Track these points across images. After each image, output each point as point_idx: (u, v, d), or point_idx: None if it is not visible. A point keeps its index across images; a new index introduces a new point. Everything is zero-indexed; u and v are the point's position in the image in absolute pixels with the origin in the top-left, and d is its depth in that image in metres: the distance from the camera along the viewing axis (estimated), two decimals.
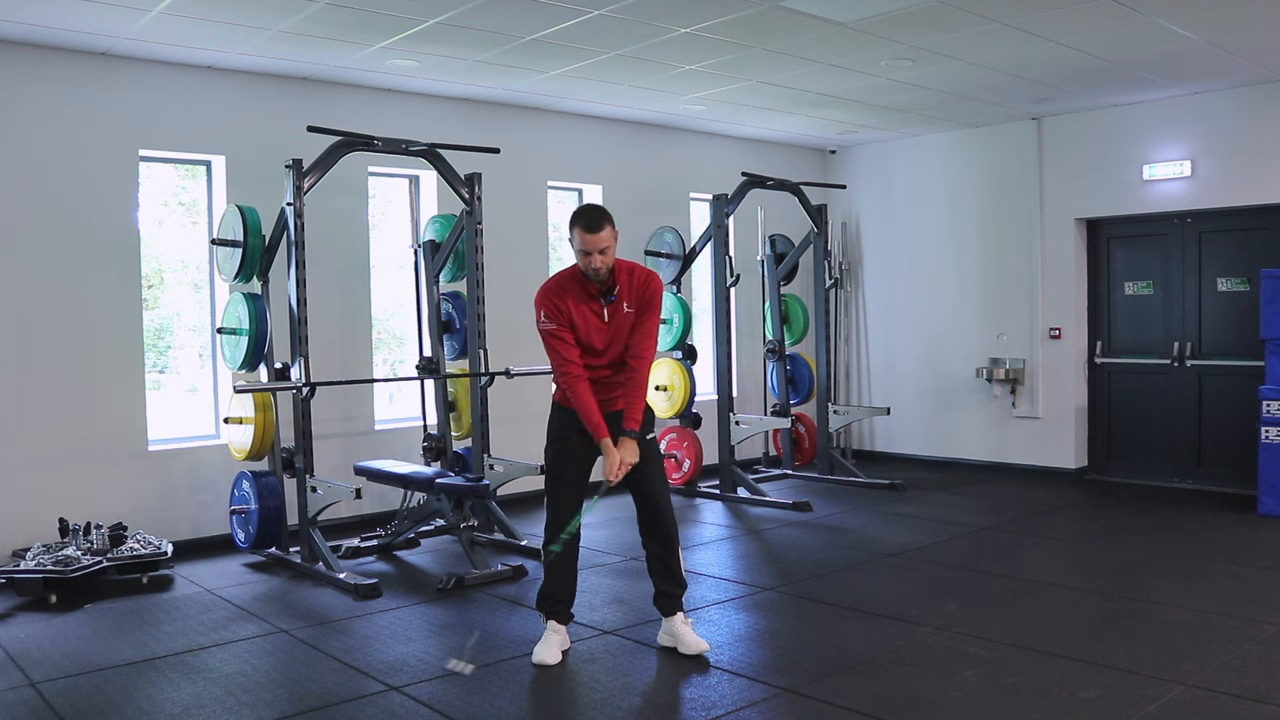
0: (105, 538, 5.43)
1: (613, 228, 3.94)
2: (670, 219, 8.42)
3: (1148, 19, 5.60)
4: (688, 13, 5.44)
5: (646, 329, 4.06)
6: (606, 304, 4.02)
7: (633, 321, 4.04)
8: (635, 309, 4.04)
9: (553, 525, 4.13)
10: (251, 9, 5.23)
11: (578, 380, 3.97)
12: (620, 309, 4.03)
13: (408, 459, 6.74)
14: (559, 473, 4.14)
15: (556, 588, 4.18)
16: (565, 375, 3.98)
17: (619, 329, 4.04)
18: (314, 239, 5.93)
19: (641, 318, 4.05)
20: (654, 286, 4.08)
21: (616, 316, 4.03)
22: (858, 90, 7.25)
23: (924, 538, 6.27)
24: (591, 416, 3.96)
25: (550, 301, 4.00)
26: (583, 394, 3.97)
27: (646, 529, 4.17)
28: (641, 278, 4.07)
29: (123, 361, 6.04)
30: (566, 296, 4.00)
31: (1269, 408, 6.71)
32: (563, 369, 3.99)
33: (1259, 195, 7.30)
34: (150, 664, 4.19)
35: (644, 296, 4.05)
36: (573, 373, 3.97)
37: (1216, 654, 4.02)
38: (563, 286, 4.03)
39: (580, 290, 4.01)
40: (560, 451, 4.14)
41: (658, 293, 4.09)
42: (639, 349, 4.05)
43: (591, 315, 4.01)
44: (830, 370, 8.61)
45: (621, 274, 4.03)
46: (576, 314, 3.99)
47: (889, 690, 3.73)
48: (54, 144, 5.78)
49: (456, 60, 6.29)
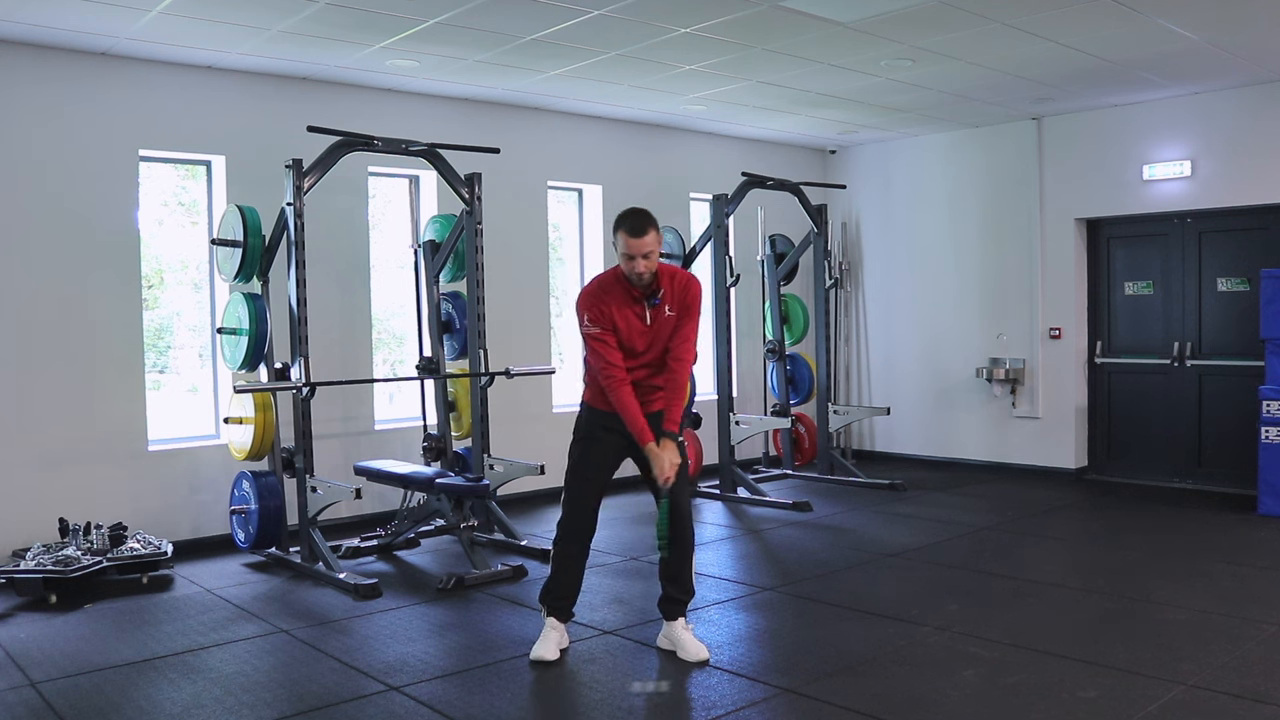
0: (105, 538, 5.43)
1: (657, 232, 3.94)
2: (670, 219, 8.41)
3: (1148, 19, 5.60)
4: (688, 13, 5.44)
5: (686, 332, 4.07)
6: (649, 307, 4.01)
7: (674, 324, 4.05)
8: (676, 312, 4.05)
9: (568, 523, 4.12)
10: (251, 9, 5.23)
11: (621, 384, 3.96)
12: (662, 312, 4.03)
13: (408, 459, 6.74)
14: (585, 472, 4.13)
15: (561, 584, 4.18)
16: (609, 379, 3.96)
17: (660, 332, 4.04)
18: (314, 239, 5.93)
19: (682, 320, 4.06)
20: (695, 290, 4.09)
21: (659, 320, 4.03)
22: (858, 90, 7.25)
23: (924, 538, 6.27)
24: (637, 421, 3.95)
25: (594, 305, 3.99)
26: (627, 398, 3.95)
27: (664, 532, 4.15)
28: (683, 281, 4.08)
29: (123, 361, 6.04)
30: (610, 300, 3.99)
31: (1269, 408, 6.71)
32: (606, 372, 3.97)
33: (1259, 195, 7.30)
34: (150, 664, 4.19)
35: (685, 300, 4.05)
36: (616, 376, 3.96)
37: (1216, 654, 4.02)
38: (606, 289, 4.01)
39: (624, 294, 4.00)
40: (587, 450, 4.14)
41: (698, 296, 4.11)
42: (679, 351, 4.06)
43: (634, 318, 4.01)
44: (830, 370, 8.61)
45: (664, 278, 4.03)
46: (619, 317, 3.98)
47: (889, 690, 3.73)
48: (54, 144, 5.78)
49: (456, 60, 6.29)
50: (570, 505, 4.15)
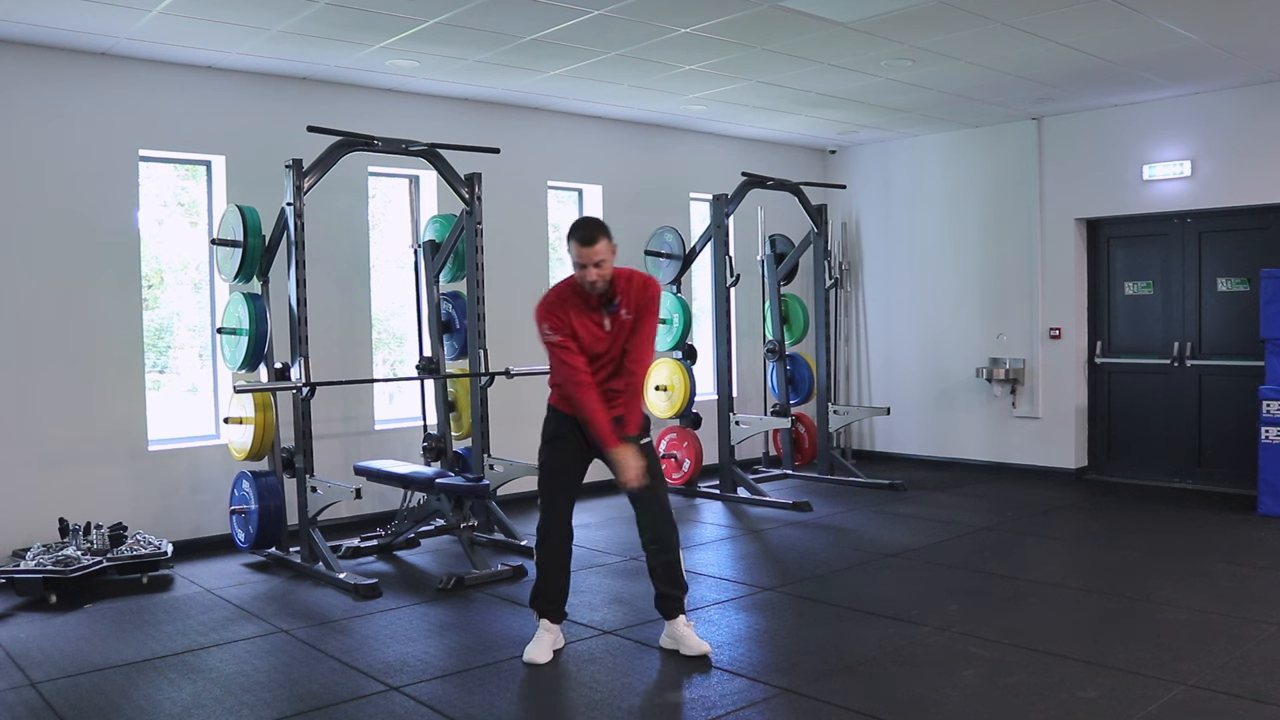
0: (105, 538, 5.43)
1: (609, 240, 3.95)
2: (670, 219, 8.42)
3: (1148, 19, 5.60)
4: (688, 13, 5.44)
5: (644, 332, 4.07)
6: (608, 314, 4.03)
7: (631, 326, 4.05)
8: (634, 315, 4.05)
9: (545, 525, 4.14)
10: (251, 9, 5.23)
11: (587, 389, 3.96)
12: (620, 316, 4.04)
13: (408, 459, 6.74)
14: (555, 474, 4.15)
15: (548, 586, 4.19)
16: (574, 385, 3.97)
17: (621, 337, 4.05)
18: (314, 239, 5.93)
19: (640, 321, 4.06)
20: (652, 291, 4.10)
21: (617, 324, 4.04)
22: (858, 90, 7.25)
23: (924, 538, 6.27)
24: (602, 427, 3.95)
25: (552, 314, 4.00)
26: (591, 403, 3.95)
27: (646, 533, 4.17)
28: (640, 283, 4.08)
29: (123, 361, 6.04)
30: (568, 308, 4.00)
31: (1269, 408, 6.71)
32: (572, 378, 3.97)
33: (1259, 195, 7.30)
34: (150, 664, 4.19)
35: (642, 301, 4.06)
36: (582, 381, 3.96)
37: (1216, 654, 4.02)
38: (563, 298, 4.03)
39: (581, 302, 4.02)
40: (556, 452, 4.15)
41: (656, 297, 4.11)
42: (636, 353, 4.06)
43: (593, 325, 4.02)
44: (830, 370, 8.61)
45: (621, 281, 4.04)
46: (579, 325, 3.99)
47: (889, 690, 3.73)
48: (54, 144, 5.78)
49: (456, 60, 6.29)
50: (545, 508, 4.17)
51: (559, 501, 4.15)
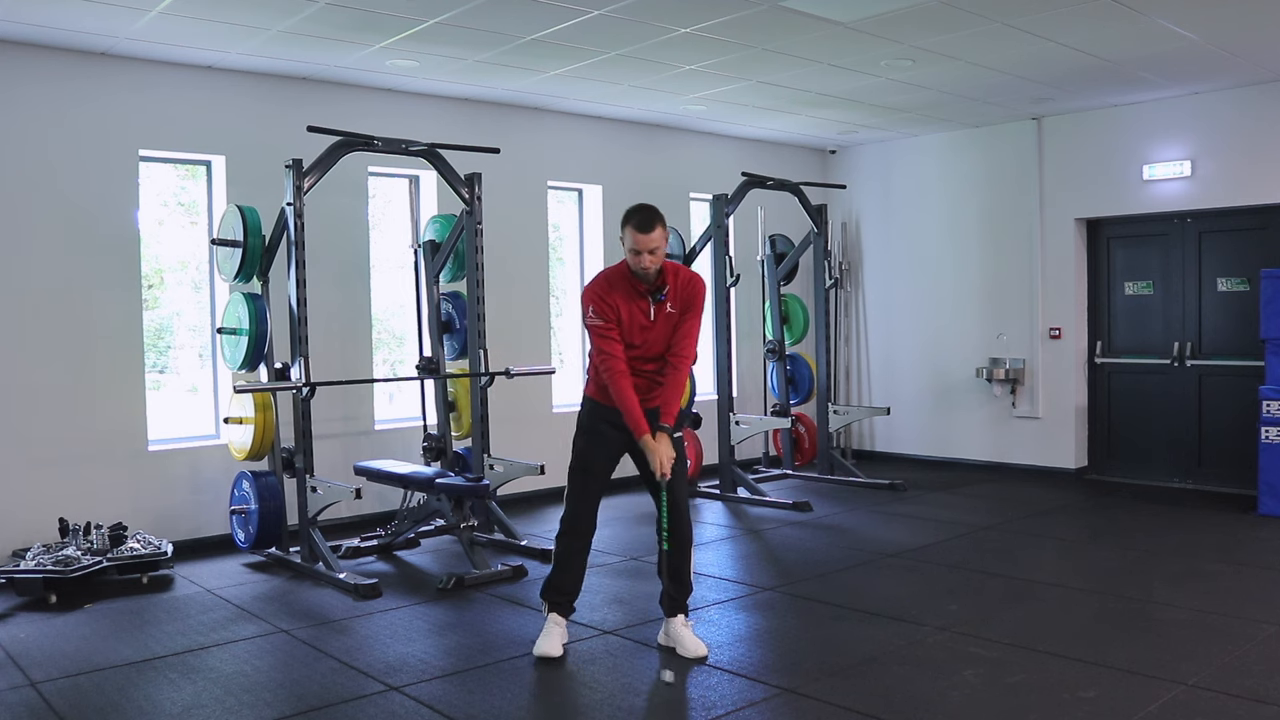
0: (105, 538, 5.43)
1: (664, 228, 3.98)
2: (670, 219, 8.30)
3: (1148, 19, 5.60)
4: (688, 13, 5.44)
5: (688, 329, 4.10)
6: (654, 303, 4.04)
7: (676, 321, 4.08)
8: (679, 309, 4.07)
9: (572, 517, 4.14)
10: (251, 9, 5.23)
11: (622, 376, 3.98)
12: (665, 309, 4.06)
13: (408, 459, 6.74)
14: (587, 465, 4.15)
15: (564, 579, 4.20)
16: (609, 370, 3.98)
17: (662, 328, 4.07)
18: (314, 239, 5.92)
19: (685, 318, 4.09)
20: (699, 288, 4.12)
21: (661, 316, 4.06)
22: (858, 90, 7.25)
23: (924, 538, 6.27)
24: (633, 412, 3.96)
25: (599, 297, 4.01)
26: (625, 389, 3.97)
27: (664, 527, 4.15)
28: (686, 278, 4.11)
29: (123, 361, 6.04)
30: (615, 293, 4.02)
31: (1269, 408, 6.71)
32: (607, 364, 3.99)
33: (1259, 195, 7.30)
34: (150, 664, 4.19)
35: (688, 297, 4.08)
36: (617, 368, 3.98)
37: (1216, 654, 4.02)
38: (612, 283, 4.04)
39: (629, 288, 4.03)
40: (590, 444, 4.15)
41: (702, 294, 4.14)
42: (680, 348, 4.09)
43: (639, 313, 4.04)
44: (830, 370, 8.61)
45: (669, 274, 4.06)
46: (625, 311, 4.01)
47: (889, 690, 3.73)
48: (54, 144, 5.78)
49: (456, 60, 6.29)
50: (573, 499, 4.17)
51: (588, 492, 4.15)
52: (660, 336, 4.07)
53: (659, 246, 3.95)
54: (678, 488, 4.08)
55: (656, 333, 4.06)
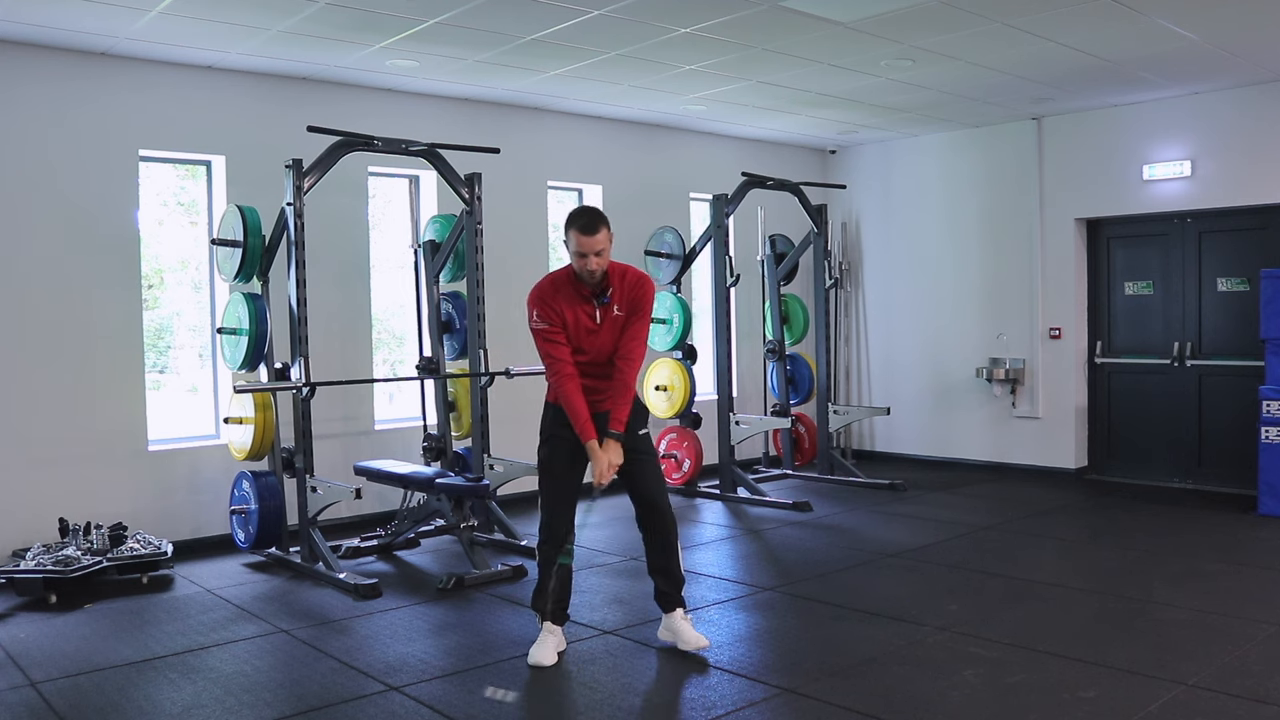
0: (105, 538, 5.43)
1: (608, 230, 3.96)
2: (670, 219, 8.42)
3: (1148, 19, 5.60)
4: (688, 13, 5.44)
5: (635, 331, 4.07)
6: (599, 306, 4.03)
7: (623, 324, 4.05)
8: (626, 311, 4.05)
9: (547, 524, 4.13)
10: (251, 9, 5.23)
11: (568, 379, 3.98)
12: (611, 311, 4.04)
13: (408, 459, 6.74)
14: (551, 470, 4.15)
15: (551, 586, 4.18)
16: (556, 375, 3.99)
17: (609, 331, 4.05)
18: (314, 239, 5.93)
19: (631, 320, 4.06)
20: (645, 290, 4.09)
21: (607, 318, 4.04)
22: (858, 90, 7.25)
23: (924, 538, 6.27)
24: (579, 417, 3.96)
25: (543, 301, 4.01)
26: (572, 394, 3.97)
27: (644, 526, 4.17)
28: (633, 280, 4.08)
29: (123, 361, 6.04)
30: (559, 297, 4.01)
31: (1269, 408, 6.71)
32: (554, 368, 4.00)
33: (1259, 195, 7.30)
34: (150, 664, 4.19)
35: (635, 299, 4.06)
36: (564, 372, 3.98)
37: (1216, 654, 4.02)
38: (556, 287, 4.04)
39: (573, 291, 4.03)
40: (553, 450, 4.14)
41: (649, 296, 4.11)
42: (627, 350, 4.06)
43: (584, 317, 4.03)
44: (830, 370, 8.61)
45: (614, 276, 4.04)
46: (569, 315, 4.01)
47: (889, 690, 3.73)
48: (54, 144, 5.78)
49: (456, 60, 6.29)
50: (545, 507, 4.16)
51: (559, 500, 4.14)
52: (607, 340, 4.05)
53: (604, 249, 3.94)
54: (653, 486, 4.09)
55: (603, 336, 4.04)
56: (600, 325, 4.04)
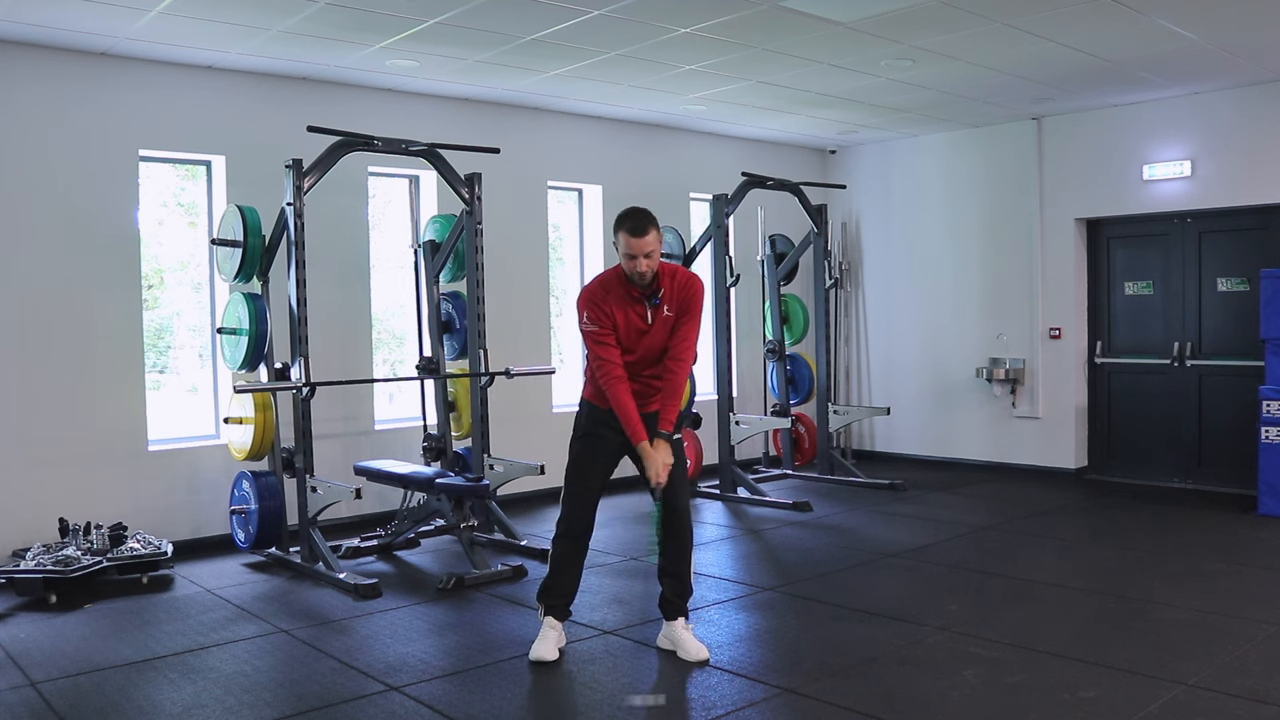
0: (105, 538, 5.43)
1: (658, 231, 3.94)
2: (670, 219, 8.41)
3: (1148, 19, 5.60)
4: (688, 13, 5.44)
5: (686, 332, 4.05)
6: (650, 307, 4.00)
7: (673, 324, 4.03)
8: (676, 312, 4.03)
9: (566, 518, 4.12)
10: (251, 9, 5.23)
11: (619, 381, 3.95)
12: (662, 312, 4.01)
13: (408, 459, 6.74)
14: (584, 470, 4.13)
15: (560, 582, 4.18)
16: (607, 376, 3.95)
17: (659, 332, 4.03)
18: (314, 239, 5.92)
19: (681, 320, 4.04)
20: (696, 289, 4.06)
21: (658, 319, 4.01)
22: (858, 90, 7.25)
23: (924, 538, 6.27)
24: (631, 419, 3.94)
25: (594, 304, 3.98)
26: (623, 395, 3.94)
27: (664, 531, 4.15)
28: (683, 280, 4.06)
29: (123, 361, 6.04)
30: (610, 299, 3.98)
31: (1269, 408, 6.71)
32: (604, 370, 3.96)
33: (1259, 195, 7.30)
34: (150, 664, 4.19)
35: (685, 299, 4.03)
36: (614, 374, 3.95)
37: (1216, 654, 4.02)
38: (607, 288, 4.01)
39: (624, 293, 3.99)
40: (587, 448, 4.13)
41: (699, 296, 4.08)
42: (678, 351, 4.04)
43: (635, 318, 4.00)
44: (830, 370, 8.61)
45: (665, 277, 4.01)
46: (620, 316, 3.98)
47: (889, 690, 3.73)
48: (54, 144, 5.78)
49: (456, 60, 6.29)
50: (569, 502, 4.15)
51: (585, 496, 4.13)
52: (658, 341, 4.03)
53: (654, 250, 3.91)
54: (679, 491, 4.06)
55: (654, 337, 4.02)
56: (651, 326, 4.01)
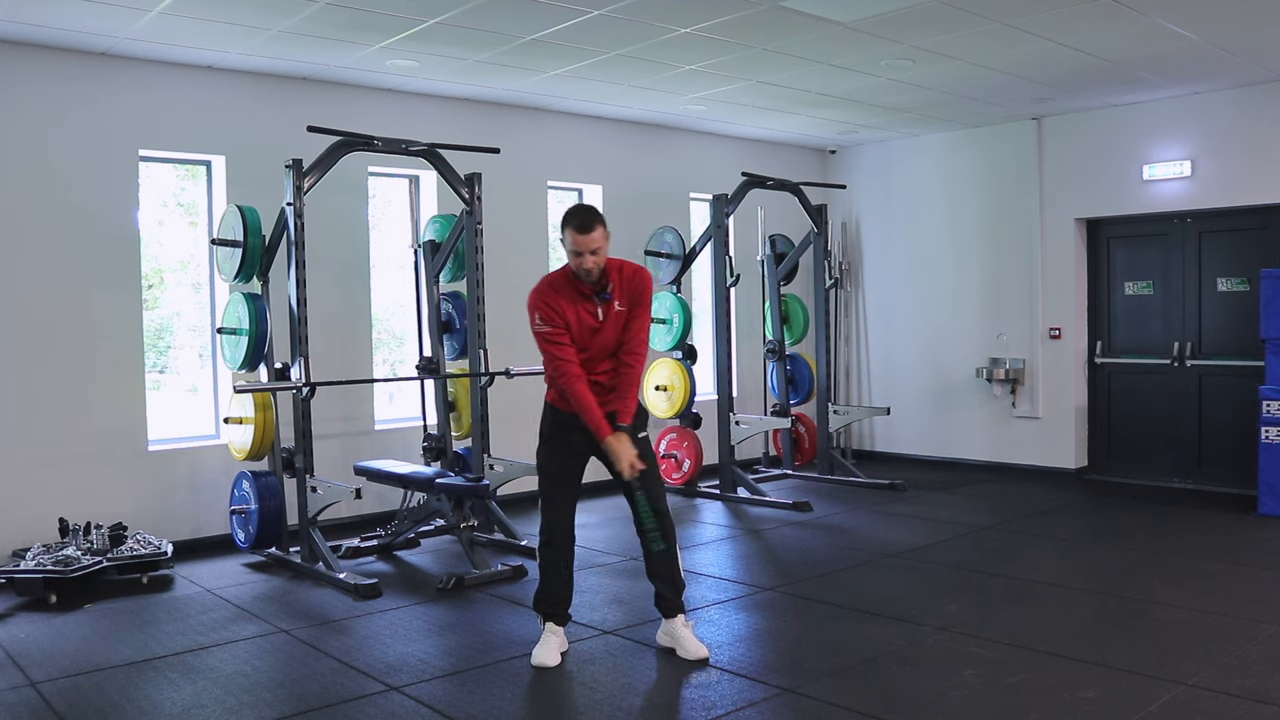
0: (105, 538, 5.43)
1: (604, 228, 3.95)
2: (670, 219, 8.42)
3: (1148, 19, 5.60)
4: (688, 13, 5.44)
5: (639, 325, 4.07)
6: (600, 303, 4.01)
7: (625, 319, 4.04)
8: (627, 305, 4.04)
9: (548, 525, 4.13)
10: (251, 9, 5.23)
11: (577, 380, 3.96)
12: (613, 307, 4.03)
13: (408, 459, 6.74)
14: (552, 473, 4.14)
15: (553, 588, 4.18)
16: (564, 375, 3.97)
17: (613, 328, 4.04)
18: (314, 239, 5.93)
19: (634, 314, 4.05)
20: (644, 281, 4.08)
21: (610, 315, 4.03)
22: (858, 90, 7.25)
23: (924, 538, 6.27)
24: (593, 415, 3.94)
25: (544, 303, 3.99)
26: (583, 393, 3.95)
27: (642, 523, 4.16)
28: (631, 273, 4.07)
29: (123, 361, 6.04)
30: (560, 297, 3.99)
31: (1269, 408, 6.71)
32: (561, 369, 3.97)
33: (1259, 195, 7.30)
34: (150, 664, 4.19)
35: (635, 291, 4.04)
36: (572, 372, 3.96)
37: (1216, 654, 4.02)
38: (555, 288, 4.02)
39: (573, 291, 4.01)
40: (554, 451, 4.13)
41: (648, 287, 4.09)
42: (632, 345, 4.05)
43: (586, 315, 4.01)
44: (830, 370, 8.61)
45: (612, 272, 4.02)
46: (571, 314, 3.99)
47: (889, 690, 3.73)
48: (54, 144, 5.78)
49: (456, 60, 6.29)
50: (546, 509, 4.15)
51: (560, 502, 4.14)
52: (611, 337, 4.04)
53: (600, 247, 3.92)
54: (652, 486, 4.07)
55: (606, 333, 4.03)
56: (603, 322, 4.02)
